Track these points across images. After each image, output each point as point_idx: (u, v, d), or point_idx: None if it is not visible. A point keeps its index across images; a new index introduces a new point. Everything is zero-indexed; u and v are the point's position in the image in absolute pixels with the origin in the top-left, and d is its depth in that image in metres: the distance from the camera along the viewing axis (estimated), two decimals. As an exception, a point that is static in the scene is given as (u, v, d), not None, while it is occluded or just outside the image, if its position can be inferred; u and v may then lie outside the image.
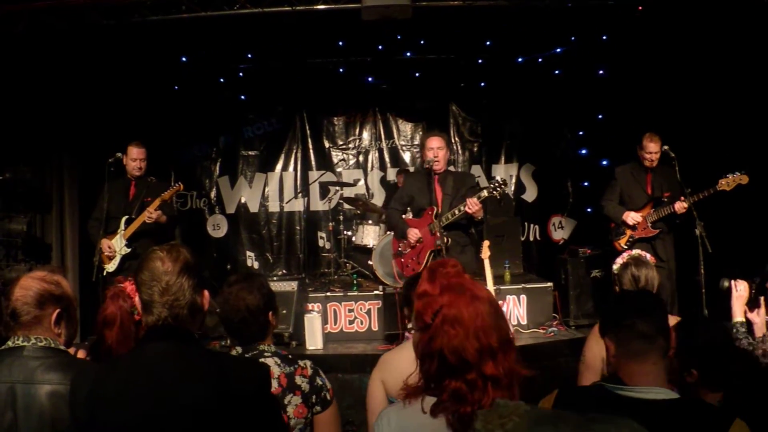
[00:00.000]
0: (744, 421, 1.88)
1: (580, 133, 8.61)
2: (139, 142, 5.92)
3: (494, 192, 5.01)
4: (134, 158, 5.85)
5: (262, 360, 2.41)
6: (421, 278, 1.83)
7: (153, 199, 5.76)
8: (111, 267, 5.75)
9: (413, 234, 5.30)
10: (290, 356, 2.54)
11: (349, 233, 7.82)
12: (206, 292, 1.89)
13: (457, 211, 5.09)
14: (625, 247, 5.71)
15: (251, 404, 1.74)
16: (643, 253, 3.47)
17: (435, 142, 5.27)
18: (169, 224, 6.00)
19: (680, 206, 5.49)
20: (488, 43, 7.94)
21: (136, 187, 5.92)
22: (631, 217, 5.77)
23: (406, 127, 9.12)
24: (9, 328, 2.17)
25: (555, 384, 2.12)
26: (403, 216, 5.58)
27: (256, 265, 8.87)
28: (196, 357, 1.81)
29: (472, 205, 4.94)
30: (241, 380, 1.76)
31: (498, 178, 5.21)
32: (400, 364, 2.39)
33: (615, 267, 3.40)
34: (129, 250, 5.73)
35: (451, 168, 8.49)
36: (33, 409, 2.02)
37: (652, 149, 5.72)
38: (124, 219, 5.77)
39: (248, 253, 8.93)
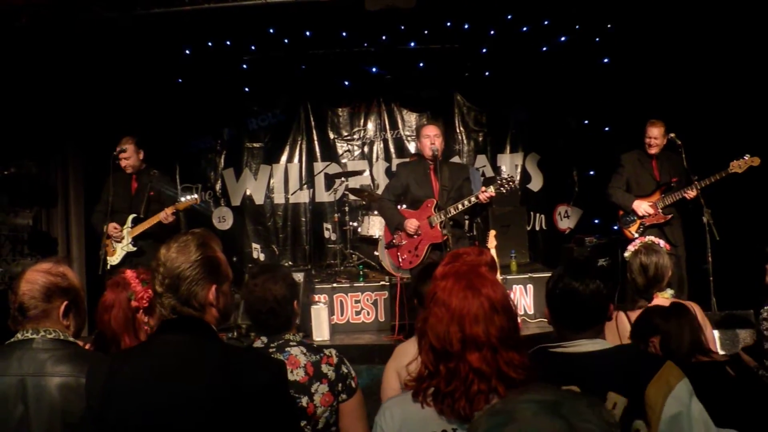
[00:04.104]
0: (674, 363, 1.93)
1: (585, 122, 8.57)
2: (128, 137, 5.78)
3: (502, 189, 5.03)
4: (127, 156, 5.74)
5: (288, 349, 2.45)
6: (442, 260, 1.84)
7: (157, 192, 5.73)
8: (114, 260, 5.71)
9: (412, 225, 5.23)
10: (315, 345, 2.57)
11: (355, 224, 7.80)
12: (213, 287, 1.83)
13: (461, 206, 5.08)
14: (636, 234, 5.68)
15: (263, 399, 1.72)
16: (657, 240, 3.43)
17: (431, 130, 5.26)
18: (174, 229, 5.88)
19: (692, 192, 5.48)
20: (492, 32, 7.88)
21: (138, 180, 5.85)
22: (643, 208, 5.74)
23: (411, 118, 9.05)
24: (18, 322, 2.17)
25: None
26: (397, 207, 5.50)
27: (262, 256, 8.85)
28: (208, 350, 1.80)
29: (487, 197, 4.97)
30: (253, 375, 1.74)
31: (506, 174, 5.19)
32: (415, 354, 2.40)
33: (626, 254, 3.38)
34: (135, 248, 5.68)
35: (456, 159, 8.54)
36: (44, 401, 2.03)
37: (652, 134, 5.74)
38: (131, 217, 5.70)
39: (254, 245, 8.91)
